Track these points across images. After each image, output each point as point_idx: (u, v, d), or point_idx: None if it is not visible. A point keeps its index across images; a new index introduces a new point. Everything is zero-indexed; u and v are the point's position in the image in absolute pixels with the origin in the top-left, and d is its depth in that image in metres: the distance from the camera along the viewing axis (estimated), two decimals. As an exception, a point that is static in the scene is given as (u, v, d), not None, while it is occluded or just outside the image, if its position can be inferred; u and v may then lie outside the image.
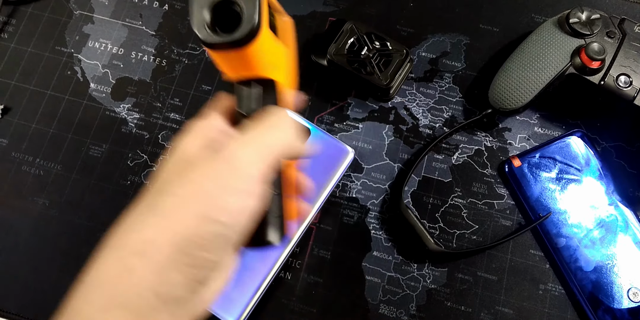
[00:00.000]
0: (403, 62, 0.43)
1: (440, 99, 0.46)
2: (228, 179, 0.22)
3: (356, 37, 0.43)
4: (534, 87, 0.42)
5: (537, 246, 0.42)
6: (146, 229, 0.22)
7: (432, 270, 0.42)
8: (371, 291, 0.41)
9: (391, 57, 0.43)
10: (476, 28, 0.48)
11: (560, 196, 0.43)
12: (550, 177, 0.43)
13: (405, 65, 0.43)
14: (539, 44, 0.43)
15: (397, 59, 0.43)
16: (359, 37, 0.43)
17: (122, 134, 0.45)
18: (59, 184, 0.44)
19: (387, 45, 0.43)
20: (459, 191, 0.44)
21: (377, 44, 0.43)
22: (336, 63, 0.43)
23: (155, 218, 0.22)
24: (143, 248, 0.21)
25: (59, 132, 0.45)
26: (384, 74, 0.42)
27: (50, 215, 0.43)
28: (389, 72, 0.42)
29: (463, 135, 0.45)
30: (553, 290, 0.41)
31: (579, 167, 0.44)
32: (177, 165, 0.24)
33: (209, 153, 0.24)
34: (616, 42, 0.42)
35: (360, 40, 0.43)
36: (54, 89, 0.46)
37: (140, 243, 0.21)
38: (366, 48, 0.43)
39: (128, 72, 0.46)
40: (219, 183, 0.22)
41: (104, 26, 0.48)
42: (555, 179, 0.43)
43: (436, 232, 0.43)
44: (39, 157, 0.44)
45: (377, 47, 0.43)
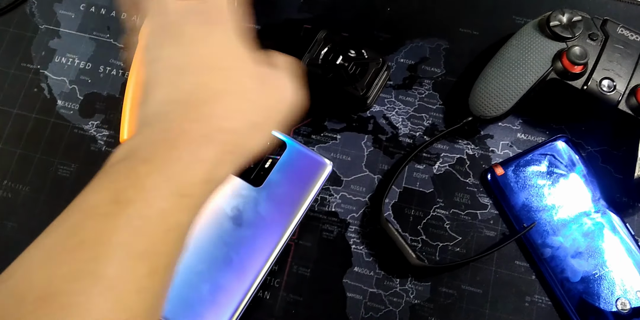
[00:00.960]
0: (380, 71, 0.41)
1: (420, 107, 0.44)
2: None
3: (330, 45, 0.41)
4: (515, 94, 0.40)
5: (523, 257, 0.41)
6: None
7: (415, 284, 0.41)
8: (353, 308, 0.40)
9: (367, 66, 0.41)
10: (455, 32, 0.46)
11: (545, 204, 0.42)
12: (535, 185, 0.42)
13: (382, 74, 0.42)
14: (519, 49, 0.41)
15: (374, 68, 0.41)
16: (334, 45, 0.41)
17: (91, 152, 0.43)
18: (28, 207, 0.42)
19: (363, 54, 0.41)
20: (441, 202, 0.42)
21: (353, 52, 0.41)
22: (310, 73, 0.41)
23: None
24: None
25: (26, 152, 0.44)
26: (360, 83, 0.41)
27: (20, 239, 0.42)
28: (365, 81, 0.41)
29: (444, 143, 0.44)
30: (540, 302, 0.40)
31: (564, 172, 0.42)
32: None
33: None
34: (599, 44, 0.41)
35: (334, 49, 0.41)
36: (20, 108, 0.44)
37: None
38: (341, 57, 0.41)
39: (96, 87, 0.45)
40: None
41: (71, 40, 0.46)
42: (539, 187, 0.42)
43: (418, 245, 0.42)
44: (6, 179, 0.43)
45: (352, 56, 0.41)
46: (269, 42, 0.43)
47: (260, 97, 0.26)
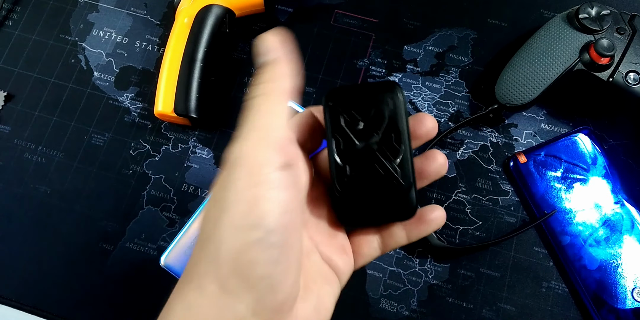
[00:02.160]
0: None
1: (446, 94, 0.45)
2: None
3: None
4: (542, 83, 0.41)
5: (541, 244, 0.42)
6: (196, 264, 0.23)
7: (434, 265, 0.41)
8: (372, 285, 0.41)
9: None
10: (484, 23, 0.47)
11: (566, 194, 0.42)
12: (556, 175, 0.43)
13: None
14: (547, 40, 0.42)
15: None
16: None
17: (125, 123, 0.45)
18: (61, 172, 0.43)
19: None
20: (463, 187, 0.43)
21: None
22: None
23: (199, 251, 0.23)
24: (198, 282, 0.22)
25: (61, 120, 0.45)
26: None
27: (51, 203, 0.43)
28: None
29: (468, 130, 0.45)
30: (556, 288, 0.41)
31: (585, 164, 0.43)
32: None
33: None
34: (626, 38, 0.42)
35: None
36: (57, 77, 0.46)
37: (195, 276, 0.23)
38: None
39: (132, 61, 0.46)
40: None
41: (109, 15, 0.47)
42: (560, 177, 0.43)
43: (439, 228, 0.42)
44: (41, 145, 0.44)
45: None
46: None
47: None
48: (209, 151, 0.44)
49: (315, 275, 0.26)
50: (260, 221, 0.22)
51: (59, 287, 0.41)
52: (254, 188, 0.22)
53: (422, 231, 0.28)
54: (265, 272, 0.22)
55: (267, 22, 0.47)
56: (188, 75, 0.42)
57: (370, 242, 0.28)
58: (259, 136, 0.23)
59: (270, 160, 0.22)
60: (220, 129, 0.45)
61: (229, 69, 0.46)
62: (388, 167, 0.26)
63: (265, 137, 0.23)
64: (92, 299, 0.41)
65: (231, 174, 0.22)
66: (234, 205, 0.22)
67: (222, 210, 0.22)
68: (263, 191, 0.22)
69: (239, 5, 0.44)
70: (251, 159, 0.22)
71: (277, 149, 0.23)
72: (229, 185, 0.22)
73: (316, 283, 0.26)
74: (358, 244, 0.28)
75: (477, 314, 0.40)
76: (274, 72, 0.24)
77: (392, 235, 0.28)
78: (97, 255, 0.42)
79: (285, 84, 0.24)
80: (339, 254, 0.27)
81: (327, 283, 0.27)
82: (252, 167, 0.22)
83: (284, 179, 0.23)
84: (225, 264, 0.22)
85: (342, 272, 0.28)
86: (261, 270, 0.22)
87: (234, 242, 0.22)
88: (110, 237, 0.42)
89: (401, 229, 0.28)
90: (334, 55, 0.46)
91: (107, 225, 0.42)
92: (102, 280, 0.41)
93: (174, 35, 0.43)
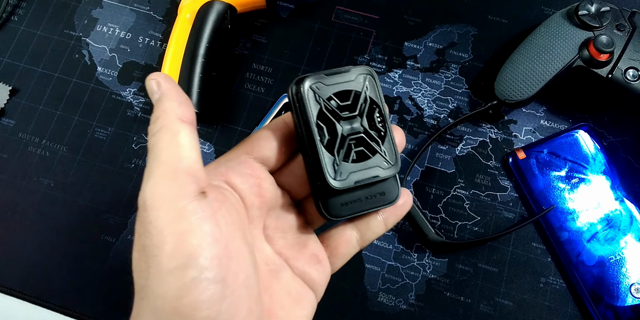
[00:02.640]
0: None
1: (445, 90, 0.46)
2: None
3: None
4: (541, 79, 0.42)
5: (540, 239, 0.42)
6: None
7: (433, 260, 0.42)
8: (370, 279, 0.41)
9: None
10: (485, 19, 0.47)
11: (565, 190, 0.43)
12: (555, 171, 0.43)
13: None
14: (547, 36, 0.42)
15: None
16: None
17: (127, 117, 0.45)
18: (64, 165, 0.44)
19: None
20: (462, 182, 0.44)
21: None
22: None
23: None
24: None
25: (65, 114, 0.45)
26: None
27: (54, 196, 0.43)
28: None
29: (468, 126, 0.45)
30: (554, 283, 0.41)
31: (584, 161, 0.43)
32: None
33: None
34: (626, 35, 0.42)
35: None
36: (61, 72, 0.46)
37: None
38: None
39: (135, 56, 0.47)
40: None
41: (113, 10, 0.48)
42: (560, 173, 0.43)
43: (438, 223, 0.43)
44: (45, 138, 0.45)
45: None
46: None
47: None
48: (210, 146, 0.45)
49: (283, 298, 0.25)
50: (190, 259, 0.20)
51: (62, 278, 0.42)
52: (175, 224, 0.20)
53: (398, 216, 0.28)
54: (212, 313, 0.20)
55: (268, 18, 0.48)
56: (189, 70, 0.42)
57: (349, 241, 0.27)
58: (164, 171, 0.21)
59: (185, 190, 0.21)
60: (221, 124, 0.45)
61: (230, 64, 0.47)
62: (377, 150, 0.26)
63: (171, 170, 0.21)
64: (95, 290, 0.41)
65: (147, 216, 0.21)
66: (159, 249, 0.20)
67: (148, 257, 0.20)
68: (185, 225, 0.20)
69: (240, 1, 0.45)
70: (164, 195, 0.21)
71: (187, 179, 0.21)
72: (147, 229, 0.20)
73: (285, 308, 0.25)
74: (335, 245, 0.27)
75: (475, 309, 0.40)
76: (163, 107, 0.23)
77: (370, 227, 0.27)
78: (99, 247, 0.42)
79: (178, 113, 0.23)
80: (313, 264, 0.26)
81: (298, 305, 0.25)
82: (167, 203, 0.21)
83: (205, 206, 0.21)
84: (166, 315, 0.20)
85: (317, 284, 0.26)
86: (206, 312, 0.20)
87: (169, 289, 0.20)
88: (113, 230, 0.43)
89: (378, 218, 0.27)
90: (334, 52, 0.47)
91: (109, 217, 0.43)
92: (104, 272, 0.42)
93: (176, 31, 0.44)
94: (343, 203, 0.26)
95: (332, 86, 0.25)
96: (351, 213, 0.26)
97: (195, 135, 0.23)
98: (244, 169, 0.25)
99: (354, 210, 0.26)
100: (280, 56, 0.47)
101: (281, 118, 0.27)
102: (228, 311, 0.20)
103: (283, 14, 0.48)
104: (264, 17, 0.48)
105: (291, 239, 0.26)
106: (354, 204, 0.26)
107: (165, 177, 0.21)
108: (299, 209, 0.28)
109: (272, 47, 0.47)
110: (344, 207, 0.26)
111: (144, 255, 0.20)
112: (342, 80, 0.25)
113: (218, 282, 0.20)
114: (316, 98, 0.25)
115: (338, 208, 0.26)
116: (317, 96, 0.25)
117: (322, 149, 0.25)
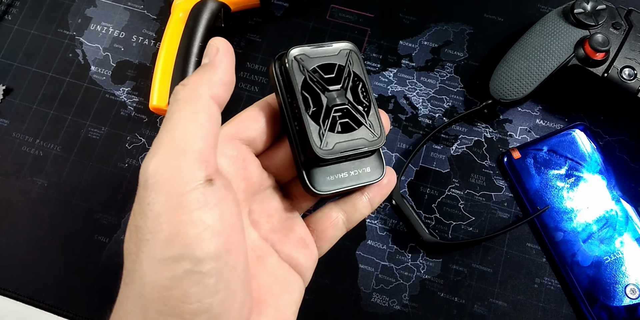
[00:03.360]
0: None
1: (440, 89, 0.45)
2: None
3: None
4: (536, 79, 0.41)
5: (534, 239, 0.42)
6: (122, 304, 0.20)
7: (427, 260, 0.42)
8: (364, 280, 0.41)
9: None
10: (480, 18, 0.47)
11: (560, 190, 0.42)
12: (551, 170, 0.43)
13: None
14: (542, 34, 0.42)
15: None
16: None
17: (121, 117, 0.45)
18: (58, 165, 0.44)
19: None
20: (457, 182, 0.43)
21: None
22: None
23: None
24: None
25: (59, 114, 0.45)
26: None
27: (48, 196, 0.43)
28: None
29: (463, 126, 0.45)
30: (549, 284, 0.41)
31: (580, 160, 0.43)
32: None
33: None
34: (622, 33, 0.41)
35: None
36: (55, 71, 0.46)
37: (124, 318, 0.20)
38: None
39: (128, 55, 0.46)
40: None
41: (106, 9, 0.48)
42: (555, 173, 0.43)
43: (432, 223, 0.42)
44: (39, 138, 0.45)
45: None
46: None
47: None
48: (203, 145, 0.44)
49: (271, 284, 0.24)
50: (186, 250, 0.18)
51: (55, 278, 0.42)
52: (173, 212, 0.19)
53: (383, 195, 0.28)
54: (202, 306, 0.19)
55: (262, 17, 0.47)
56: (183, 69, 0.42)
57: (335, 223, 0.27)
58: (173, 150, 0.19)
59: (191, 176, 0.19)
60: (215, 123, 0.45)
61: (224, 63, 0.46)
62: (363, 122, 0.25)
63: (180, 150, 0.19)
64: (88, 290, 0.41)
65: (146, 196, 0.19)
66: (153, 235, 0.19)
67: (140, 240, 0.19)
68: (185, 215, 0.19)
69: (234, 0, 0.45)
70: (168, 177, 0.19)
71: (196, 164, 0.19)
72: (144, 210, 0.19)
73: (273, 294, 0.24)
74: (321, 229, 0.27)
75: (469, 310, 0.40)
76: (202, 77, 0.21)
77: (356, 207, 0.27)
78: (93, 247, 0.42)
79: (213, 90, 0.21)
80: (300, 248, 0.26)
81: (285, 290, 0.25)
82: (169, 187, 0.19)
83: (210, 195, 0.19)
84: (151, 303, 0.19)
85: (305, 268, 0.26)
86: (196, 305, 0.18)
87: (158, 278, 0.18)
88: (106, 230, 0.42)
89: (363, 198, 0.27)
90: (329, 50, 0.46)
91: (102, 217, 0.43)
92: (97, 272, 0.42)
93: (169, 30, 0.43)
94: (329, 178, 0.25)
95: (316, 59, 0.25)
96: (337, 188, 0.26)
97: (218, 119, 0.21)
98: (229, 150, 0.24)
99: (340, 185, 0.26)
100: (274, 55, 0.46)
101: (264, 100, 0.26)
102: (221, 305, 0.19)
103: (277, 12, 0.48)
104: (258, 16, 0.48)
105: (277, 224, 0.26)
106: (340, 179, 0.26)
107: (173, 156, 0.19)
108: (284, 193, 0.27)
109: (267, 46, 0.47)
110: (329, 182, 0.25)
111: (135, 237, 0.19)
112: (326, 54, 0.25)
113: (212, 276, 0.19)
114: (300, 68, 0.25)
115: (324, 183, 0.25)
116: (302, 67, 0.25)
117: (307, 118, 0.24)
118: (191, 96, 0.21)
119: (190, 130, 0.20)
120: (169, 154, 0.19)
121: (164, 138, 0.20)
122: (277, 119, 0.26)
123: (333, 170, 0.26)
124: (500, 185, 0.43)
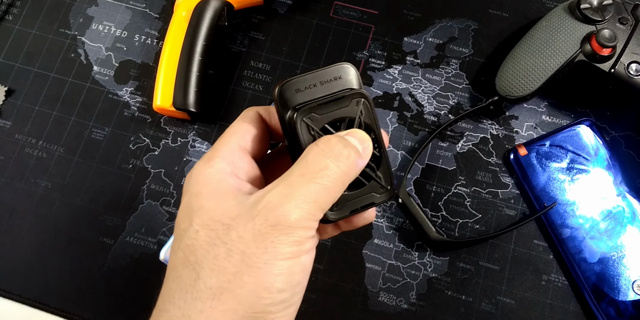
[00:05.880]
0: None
1: (446, 86, 0.45)
2: (272, 248, 0.21)
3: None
4: (542, 74, 0.41)
5: (541, 236, 0.42)
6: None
7: (434, 258, 0.41)
8: (371, 279, 0.41)
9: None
10: (485, 13, 0.47)
11: (567, 186, 0.42)
12: (557, 167, 0.43)
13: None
14: (548, 30, 0.42)
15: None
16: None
17: (124, 117, 0.45)
18: (62, 167, 0.44)
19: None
20: (463, 180, 0.43)
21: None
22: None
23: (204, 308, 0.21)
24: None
25: (62, 115, 0.45)
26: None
27: (52, 198, 0.43)
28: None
29: (469, 122, 0.44)
30: (556, 281, 0.41)
31: (586, 156, 0.43)
32: (208, 226, 0.22)
33: (242, 205, 0.22)
34: (629, 28, 0.41)
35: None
36: (57, 72, 0.46)
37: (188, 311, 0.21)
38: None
39: (131, 55, 0.46)
40: (262, 258, 0.20)
41: (108, 8, 0.47)
42: (561, 169, 0.43)
43: (438, 221, 0.42)
44: (42, 140, 0.44)
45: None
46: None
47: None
48: (208, 145, 0.44)
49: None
50: (288, 287, 0.21)
51: (61, 280, 0.41)
52: (294, 257, 0.21)
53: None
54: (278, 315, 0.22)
55: (265, 15, 0.47)
56: (186, 69, 0.42)
57: (336, 225, 0.29)
58: (308, 199, 0.22)
59: (312, 225, 0.22)
60: (219, 123, 0.45)
61: (227, 62, 0.46)
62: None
63: (314, 201, 0.22)
64: (93, 293, 0.41)
65: (270, 233, 0.20)
66: (268, 269, 0.20)
67: (250, 268, 0.21)
68: (300, 261, 0.21)
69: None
70: (296, 222, 0.21)
71: (318, 213, 0.22)
72: (265, 244, 0.20)
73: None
74: (323, 226, 0.28)
75: (476, 307, 0.40)
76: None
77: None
78: (97, 249, 0.42)
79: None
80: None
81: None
82: (296, 231, 0.21)
83: (313, 243, 0.23)
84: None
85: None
86: (274, 315, 0.21)
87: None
88: (111, 231, 0.42)
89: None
90: (333, 48, 0.46)
91: (107, 219, 0.43)
92: (102, 274, 0.41)
93: (172, 29, 0.43)
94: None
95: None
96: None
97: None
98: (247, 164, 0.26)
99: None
100: (278, 53, 0.46)
101: (255, 111, 0.26)
102: (289, 308, 0.22)
103: (281, 10, 0.47)
104: (261, 14, 0.47)
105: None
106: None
107: (309, 206, 0.22)
108: None
109: (270, 44, 0.46)
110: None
111: (246, 263, 0.21)
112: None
113: (294, 304, 0.23)
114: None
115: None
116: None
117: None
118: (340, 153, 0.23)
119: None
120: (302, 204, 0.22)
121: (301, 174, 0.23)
122: (267, 133, 0.27)
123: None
124: (506, 182, 0.43)
